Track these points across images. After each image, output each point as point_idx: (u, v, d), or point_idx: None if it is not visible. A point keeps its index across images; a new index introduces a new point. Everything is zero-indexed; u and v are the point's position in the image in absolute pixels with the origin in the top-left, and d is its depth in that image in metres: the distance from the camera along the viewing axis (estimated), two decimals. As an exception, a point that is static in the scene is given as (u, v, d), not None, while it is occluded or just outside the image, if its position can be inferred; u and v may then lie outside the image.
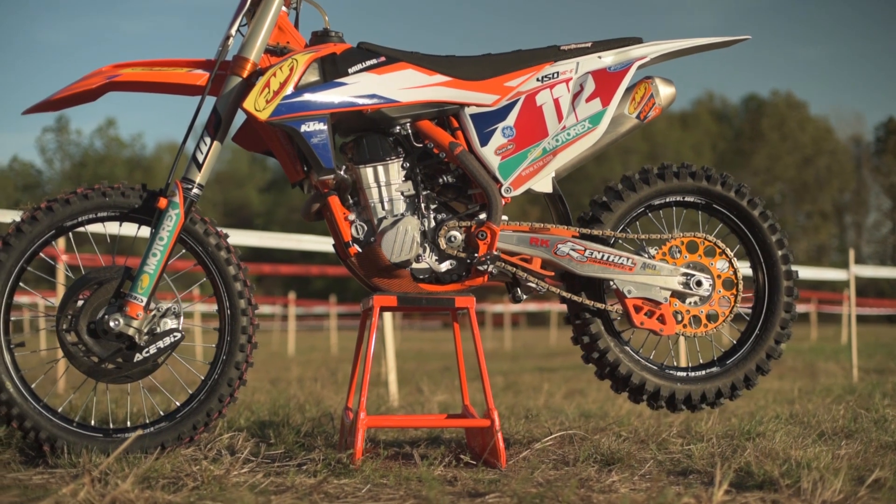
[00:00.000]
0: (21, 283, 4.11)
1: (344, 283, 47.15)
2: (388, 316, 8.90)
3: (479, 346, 4.20)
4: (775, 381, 10.07)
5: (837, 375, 10.87)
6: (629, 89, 4.49)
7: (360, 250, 4.22)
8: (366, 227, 4.24)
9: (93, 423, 4.17)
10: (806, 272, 12.72)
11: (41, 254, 4.13)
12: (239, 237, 9.43)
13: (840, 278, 12.86)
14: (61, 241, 7.41)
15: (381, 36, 4.33)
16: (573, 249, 4.27)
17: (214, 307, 4.23)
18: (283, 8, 4.27)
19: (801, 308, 23.90)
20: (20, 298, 4.47)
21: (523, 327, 52.03)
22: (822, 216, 74.23)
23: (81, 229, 4.16)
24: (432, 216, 4.27)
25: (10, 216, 5.90)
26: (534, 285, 4.31)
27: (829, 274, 13.97)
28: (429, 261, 4.24)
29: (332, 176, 4.13)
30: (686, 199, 4.47)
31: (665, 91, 4.50)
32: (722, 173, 4.49)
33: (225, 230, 4.37)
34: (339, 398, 7.87)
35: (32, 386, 4.08)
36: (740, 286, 4.42)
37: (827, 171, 74.29)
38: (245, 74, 4.15)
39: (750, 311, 4.55)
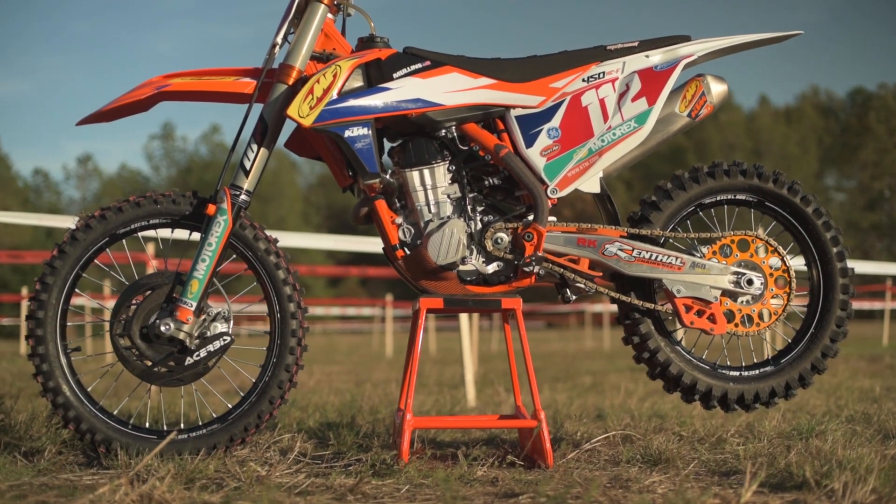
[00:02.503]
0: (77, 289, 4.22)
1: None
2: (467, 318, 8.95)
3: (525, 348, 4.22)
4: (867, 378, 9.88)
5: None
6: (679, 88, 4.46)
7: (407, 253, 4.25)
8: (412, 230, 4.27)
9: (147, 425, 4.27)
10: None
11: (96, 261, 4.24)
12: (342, 243, 9.56)
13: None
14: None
15: (427, 42, 4.37)
16: (621, 249, 4.26)
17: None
18: (330, 15, 4.33)
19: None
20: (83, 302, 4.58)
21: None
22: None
23: (134, 236, 4.26)
24: (479, 218, 4.29)
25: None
26: (582, 286, 4.30)
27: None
28: (476, 263, 4.26)
29: (377, 180, 4.17)
30: (737, 196, 4.42)
31: (717, 88, 4.46)
32: (774, 170, 4.44)
33: (275, 234, 4.44)
34: (418, 399, 7.93)
35: (89, 389, 4.20)
36: (793, 284, 4.36)
37: (937, 165, 72.60)
38: (291, 82, 4.22)
39: (805, 309, 4.49)
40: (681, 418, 5.58)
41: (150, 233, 4.30)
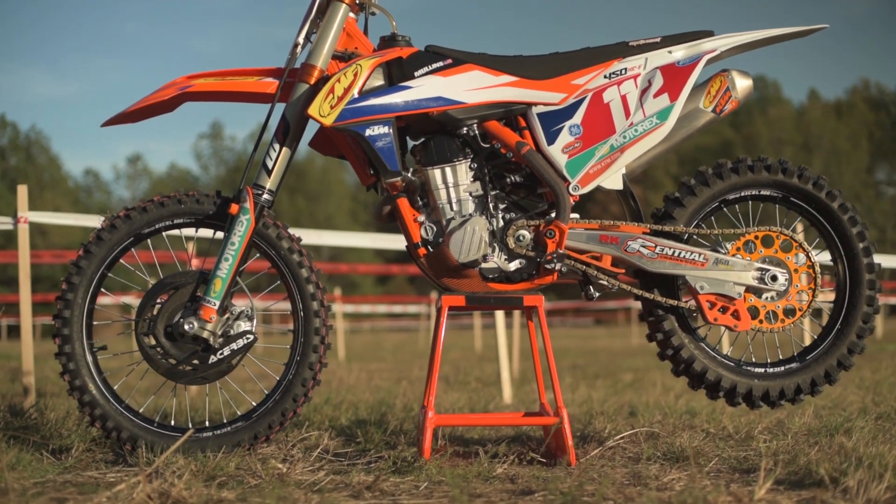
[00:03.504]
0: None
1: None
2: (503, 315, 8.94)
3: (547, 345, 4.22)
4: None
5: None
6: (704, 83, 4.45)
7: (429, 251, 4.27)
8: (435, 228, 4.28)
9: (172, 423, 4.31)
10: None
11: (122, 260, 4.29)
12: (378, 241, 9.60)
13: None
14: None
15: (452, 42, 4.38)
16: (643, 246, 4.25)
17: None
18: (352, 14, 4.34)
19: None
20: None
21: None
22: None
23: (159, 236, 4.30)
24: (501, 216, 4.29)
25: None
26: (605, 283, 4.29)
27: None
28: (498, 260, 4.26)
29: (398, 178, 4.19)
30: (762, 192, 4.40)
31: (742, 83, 4.44)
32: (799, 166, 4.41)
33: (298, 233, 4.46)
34: (452, 396, 7.94)
35: (115, 387, 4.24)
36: (818, 280, 4.33)
37: None
38: (312, 81, 4.24)
39: (831, 305, 4.46)
40: (712, 415, 5.55)
41: (175, 232, 4.33)
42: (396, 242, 9.15)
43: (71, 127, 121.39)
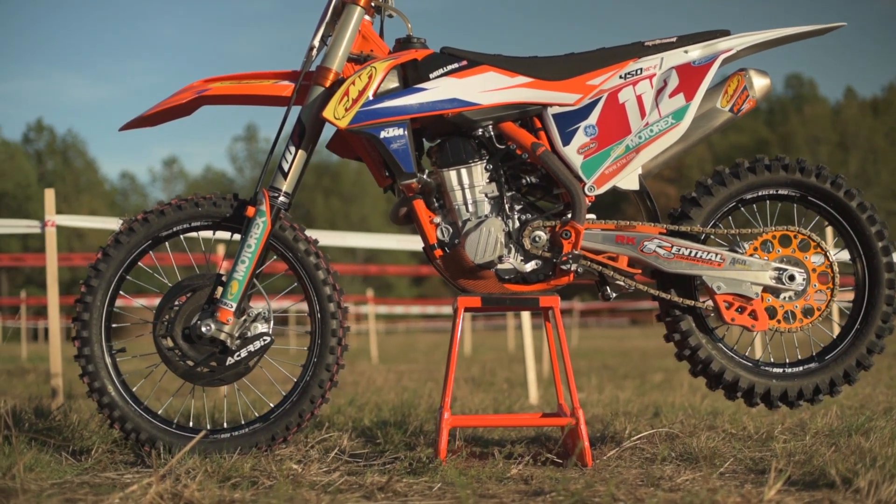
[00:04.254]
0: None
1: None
2: (529, 315, 8.93)
3: (563, 345, 4.22)
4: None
5: None
6: (721, 83, 4.43)
7: (445, 252, 4.27)
8: (451, 230, 4.29)
9: (191, 424, 4.34)
10: None
11: (139, 263, 4.32)
12: (403, 242, 9.62)
13: None
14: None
15: (467, 43, 4.38)
16: (660, 246, 4.24)
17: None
18: (367, 17, 4.36)
19: None
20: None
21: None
22: None
23: (176, 238, 4.33)
24: (517, 217, 4.30)
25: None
26: (622, 283, 4.29)
27: None
28: (513, 261, 4.26)
29: (413, 180, 4.20)
30: (779, 191, 4.38)
31: (759, 83, 4.42)
32: (817, 164, 4.39)
33: (315, 235, 4.48)
34: (478, 397, 7.95)
35: (133, 389, 4.28)
36: (836, 280, 4.31)
37: None
38: (328, 84, 4.26)
39: (850, 305, 4.43)
40: (734, 416, 5.53)
41: (192, 234, 4.36)
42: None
43: (107, 130, 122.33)
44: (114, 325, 4.30)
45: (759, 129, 74.32)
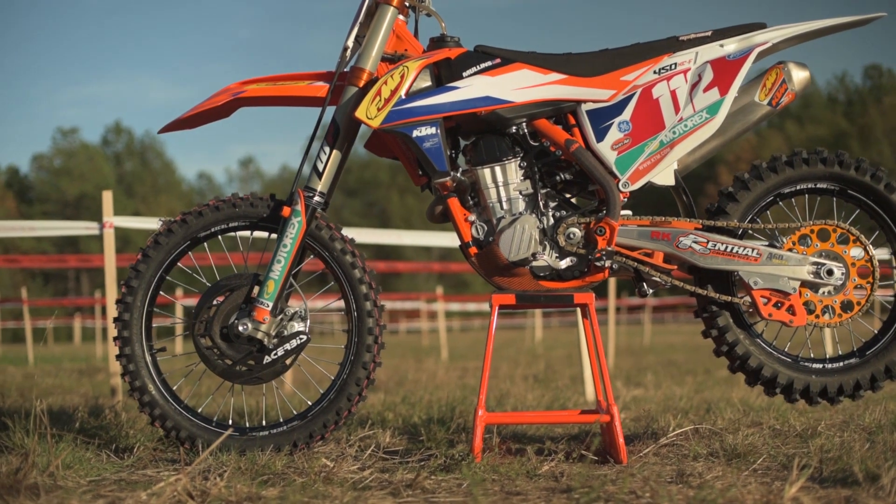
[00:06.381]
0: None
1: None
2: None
3: (598, 342, 4.21)
4: None
5: None
6: (759, 76, 4.40)
7: (480, 250, 4.28)
8: (485, 228, 4.30)
9: (230, 422, 4.40)
10: None
11: (179, 263, 4.39)
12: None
13: None
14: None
15: (503, 41, 4.39)
16: (695, 242, 4.21)
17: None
18: (401, 17, 4.38)
19: None
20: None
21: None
22: None
23: (215, 239, 4.39)
24: (551, 213, 4.29)
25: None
26: (658, 279, 4.27)
27: None
28: (548, 258, 4.26)
29: (447, 179, 4.21)
30: (818, 185, 4.33)
31: (798, 75, 4.38)
32: (857, 158, 4.34)
33: (351, 234, 4.52)
34: (536, 393, 7.94)
35: (174, 388, 4.35)
36: (877, 274, 4.26)
37: None
38: (361, 84, 4.29)
39: (891, 299, 4.37)
40: (781, 412, 5.48)
41: (230, 235, 4.42)
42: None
43: (184, 131, 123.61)
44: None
45: (838, 121, 73.28)
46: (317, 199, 4.29)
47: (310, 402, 4.41)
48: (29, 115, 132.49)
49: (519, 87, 4.23)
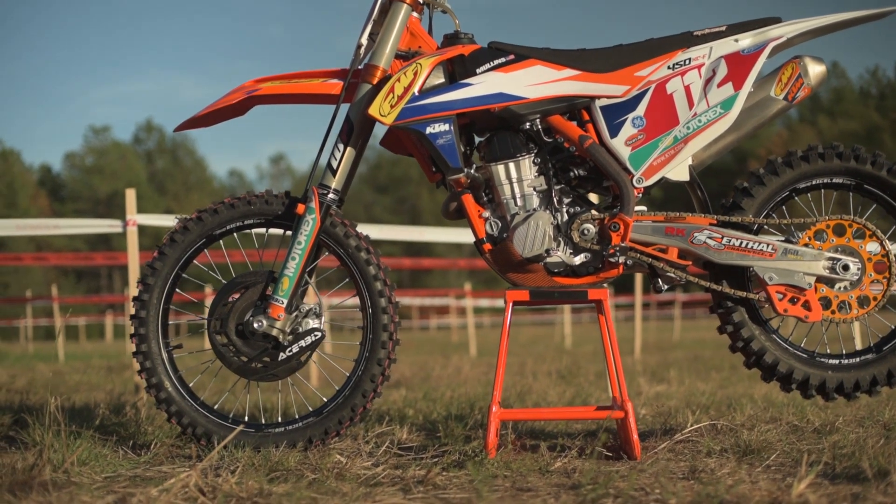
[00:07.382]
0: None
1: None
2: (611, 308, 8.88)
3: (613, 338, 4.21)
4: None
5: None
6: (775, 71, 4.38)
7: (494, 246, 4.29)
8: (499, 224, 4.30)
9: (246, 419, 4.42)
10: None
11: (195, 261, 4.41)
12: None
13: None
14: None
15: (517, 38, 4.37)
16: (710, 237, 4.20)
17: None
18: (415, 14, 4.39)
19: None
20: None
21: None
22: None
23: (230, 236, 4.41)
24: (565, 210, 4.29)
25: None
26: (673, 275, 4.26)
27: None
28: (562, 254, 4.26)
29: (461, 175, 4.21)
30: (834, 180, 4.31)
31: (815, 70, 4.36)
32: (874, 152, 4.31)
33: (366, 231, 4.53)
34: (558, 389, 7.94)
35: (191, 385, 4.37)
36: (893, 269, 4.23)
37: None
38: (375, 81, 4.30)
39: (908, 294, 4.35)
40: (801, 408, 5.46)
41: (245, 232, 4.44)
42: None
43: (215, 129, 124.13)
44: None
45: (871, 115, 72.75)
46: (331, 196, 4.30)
47: (325, 399, 4.42)
48: (61, 114, 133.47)
49: (532, 83, 4.23)
